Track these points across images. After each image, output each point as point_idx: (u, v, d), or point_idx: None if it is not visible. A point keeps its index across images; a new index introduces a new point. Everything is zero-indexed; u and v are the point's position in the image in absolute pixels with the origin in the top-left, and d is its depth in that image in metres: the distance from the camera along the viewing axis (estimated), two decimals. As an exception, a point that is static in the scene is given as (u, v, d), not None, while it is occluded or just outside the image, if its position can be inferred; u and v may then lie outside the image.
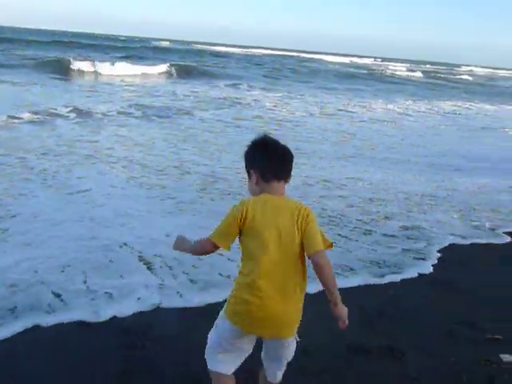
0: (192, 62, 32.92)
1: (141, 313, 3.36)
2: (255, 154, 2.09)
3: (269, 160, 2.05)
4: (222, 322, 2.09)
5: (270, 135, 2.16)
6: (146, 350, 2.91)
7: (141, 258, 4.19)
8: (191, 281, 3.85)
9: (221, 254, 4.35)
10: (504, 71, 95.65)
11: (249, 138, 2.18)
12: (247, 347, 2.13)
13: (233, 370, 2.16)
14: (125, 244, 4.44)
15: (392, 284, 4.06)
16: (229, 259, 4.01)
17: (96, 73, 22.38)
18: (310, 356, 2.85)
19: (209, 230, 2.09)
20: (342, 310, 1.98)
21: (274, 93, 20.77)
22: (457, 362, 2.97)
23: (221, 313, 2.11)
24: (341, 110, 17.01)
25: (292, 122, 13.02)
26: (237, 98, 17.32)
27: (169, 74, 25.25)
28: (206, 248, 2.08)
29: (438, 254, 4.75)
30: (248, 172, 2.12)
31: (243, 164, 2.16)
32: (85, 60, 24.02)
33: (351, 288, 3.85)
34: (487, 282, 4.19)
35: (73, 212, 5.17)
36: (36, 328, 3.08)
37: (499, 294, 3.92)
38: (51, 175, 6.39)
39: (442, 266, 4.49)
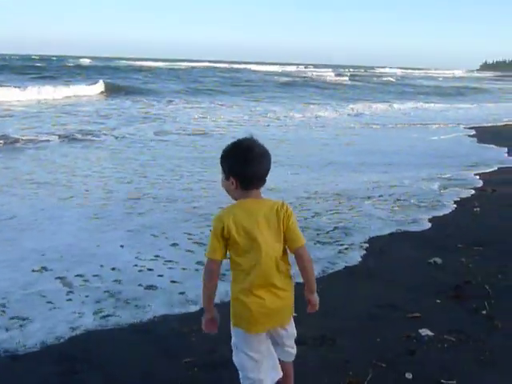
0: (119, 79, 32.05)
1: (73, 337, 3.30)
2: (235, 163, 2.09)
3: (249, 171, 2.08)
4: (242, 340, 2.18)
5: (250, 138, 2.15)
6: (82, 374, 2.87)
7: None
8: (117, 299, 3.83)
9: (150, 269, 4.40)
10: (416, 71, 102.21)
11: (174, 150, 2.26)
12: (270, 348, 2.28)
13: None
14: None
15: (320, 278, 4.26)
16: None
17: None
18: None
19: (136, 243, 2.16)
20: (317, 298, 2.34)
21: (199, 104, 20.90)
22: (382, 341, 3.21)
23: (236, 333, 2.20)
24: (269, 117, 17.41)
25: (219, 132, 13.18)
26: (161, 113, 17.26)
27: (101, 93, 24.11)
28: (212, 269, 2.14)
29: (361, 246, 5.05)
30: (225, 174, 2.14)
31: (218, 164, 2.19)
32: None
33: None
34: (404, 267, 4.52)
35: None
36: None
37: (415, 278, 4.25)
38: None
39: (364, 257, 4.79)
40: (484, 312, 3.59)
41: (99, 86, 24.81)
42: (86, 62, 62.64)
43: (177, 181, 7.77)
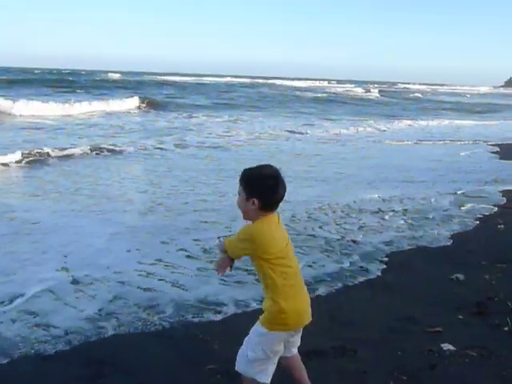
0: (152, 93, 32.47)
1: (100, 340, 3.41)
2: (261, 188, 2.29)
3: (275, 198, 2.32)
4: (266, 337, 2.33)
5: (272, 165, 2.38)
6: (109, 377, 2.97)
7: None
8: (138, 305, 3.95)
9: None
10: (439, 87, 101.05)
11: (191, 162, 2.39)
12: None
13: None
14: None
15: (340, 290, 4.31)
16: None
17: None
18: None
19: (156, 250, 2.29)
20: None
21: (222, 118, 21.20)
22: (402, 354, 3.23)
23: (261, 330, 2.34)
24: (291, 131, 17.56)
25: (237, 145, 13.37)
26: (185, 126, 17.59)
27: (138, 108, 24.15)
28: (226, 264, 2.41)
29: (381, 260, 5.09)
30: (247, 193, 2.31)
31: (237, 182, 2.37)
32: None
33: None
34: (425, 282, 4.54)
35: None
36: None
37: (436, 293, 4.26)
38: None
39: (384, 271, 4.83)
40: (506, 328, 3.58)
41: (134, 101, 25.02)
42: (115, 76, 63.20)
43: (191, 191, 7.94)
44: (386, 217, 6.72)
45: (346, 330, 3.56)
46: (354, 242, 5.61)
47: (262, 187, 2.29)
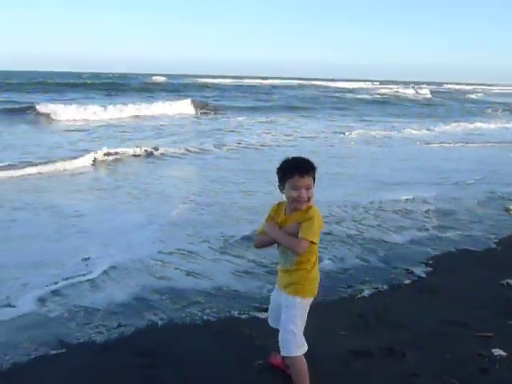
0: (200, 96, 32.72)
1: (151, 333, 3.55)
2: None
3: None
4: (301, 303, 2.64)
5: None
6: (160, 368, 3.08)
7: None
8: (184, 297, 4.07)
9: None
10: (495, 87, 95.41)
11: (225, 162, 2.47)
12: None
13: None
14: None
15: (386, 291, 4.29)
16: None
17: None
18: (316, 362, 3.01)
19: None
20: None
21: (264, 119, 21.33)
22: (451, 358, 3.20)
23: (296, 300, 2.64)
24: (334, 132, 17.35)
25: (271, 146, 13.46)
26: (229, 127, 17.74)
27: (193, 111, 24.23)
28: (304, 247, 2.54)
29: (427, 262, 5.02)
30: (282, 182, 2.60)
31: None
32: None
33: (351, 300, 4.12)
34: (473, 286, 4.45)
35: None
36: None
37: (485, 298, 4.18)
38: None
39: (430, 273, 4.76)
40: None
41: (187, 103, 25.17)
42: (160, 79, 63.42)
43: (220, 189, 8.16)
44: (432, 219, 6.61)
45: (392, 332, 3.55)
46: (396, 243, 5.59)
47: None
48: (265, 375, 3.02)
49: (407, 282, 4.53)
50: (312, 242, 2.53)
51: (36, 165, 9.31)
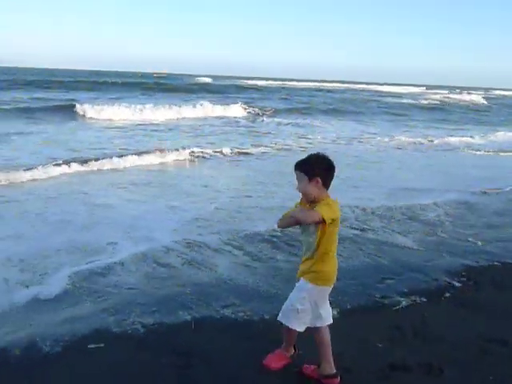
0: (243, 98, 31.63)
1: (187, 332, 3.58)
2: (321, 167, 2.89)
3: (331, 174, 2.92)
4: (315, 290, 2.90)
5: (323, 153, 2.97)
6: (195, 368, 3.10)
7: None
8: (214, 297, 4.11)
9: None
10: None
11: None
12: None
13: None
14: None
15: (423, 304, 4.17)
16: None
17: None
18: (353, 374, 3.02)
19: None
20: None
21: (302, 122, 21.24)
22: (495, 380, 3.07)
23: (310, 286, 2.89)
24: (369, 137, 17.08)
25: (303, 149, 13.26)
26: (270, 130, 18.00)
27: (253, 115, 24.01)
28: (313, 217, 2.78)
29: (462, 273, 4.86)
30: (310, 176, 2.85)
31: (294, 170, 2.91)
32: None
33: (387, 311, 4.04)
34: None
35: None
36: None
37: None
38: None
39: (468, 286, 4.60)
40: None
41: (238, 107, 25.08)
42: (206, 80, 62.40)
43: (242, 187, 8.42)
44: (469, 231, 6.36)
45: (431, 346, 3.44)
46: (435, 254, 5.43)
47: (323, 167, 2.92)
48: (295, 376, 3.00)
49: (447, 294, 4.39)
50: (323, 219, 2.74)
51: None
